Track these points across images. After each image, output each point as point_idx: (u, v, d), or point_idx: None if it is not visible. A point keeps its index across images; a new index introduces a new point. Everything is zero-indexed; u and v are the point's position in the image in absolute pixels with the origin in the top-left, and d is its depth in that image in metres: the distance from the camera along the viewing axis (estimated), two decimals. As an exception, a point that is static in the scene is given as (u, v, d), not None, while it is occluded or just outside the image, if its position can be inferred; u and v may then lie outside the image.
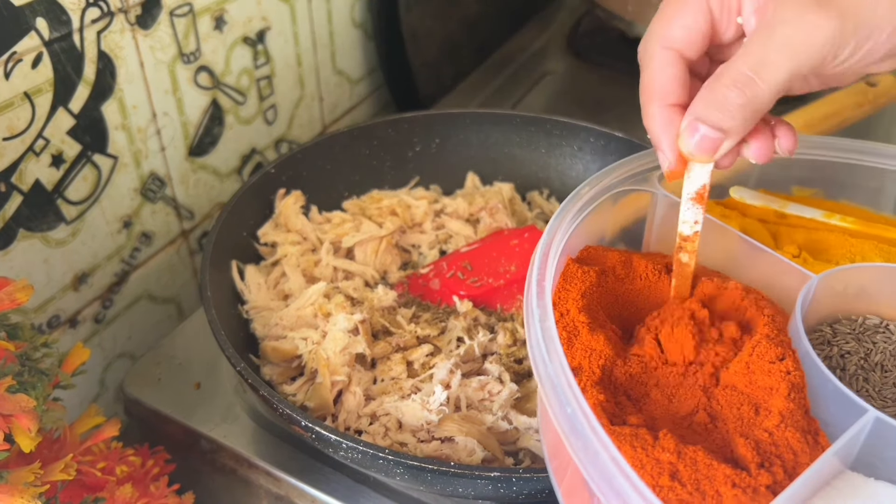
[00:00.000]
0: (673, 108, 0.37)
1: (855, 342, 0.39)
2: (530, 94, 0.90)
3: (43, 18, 0.49)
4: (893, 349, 0.39)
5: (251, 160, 0.73)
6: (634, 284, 0.42)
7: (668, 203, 0.43)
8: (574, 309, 0.38)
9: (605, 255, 0.42)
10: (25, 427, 0.37)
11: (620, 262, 0.42)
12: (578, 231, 0.41)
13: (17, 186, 0.51)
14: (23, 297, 0.40)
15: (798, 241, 0.46)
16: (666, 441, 0.32)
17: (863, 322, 0.40)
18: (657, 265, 0.42)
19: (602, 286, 0.40)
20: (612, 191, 0.43)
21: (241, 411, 0.54)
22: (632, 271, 0.42)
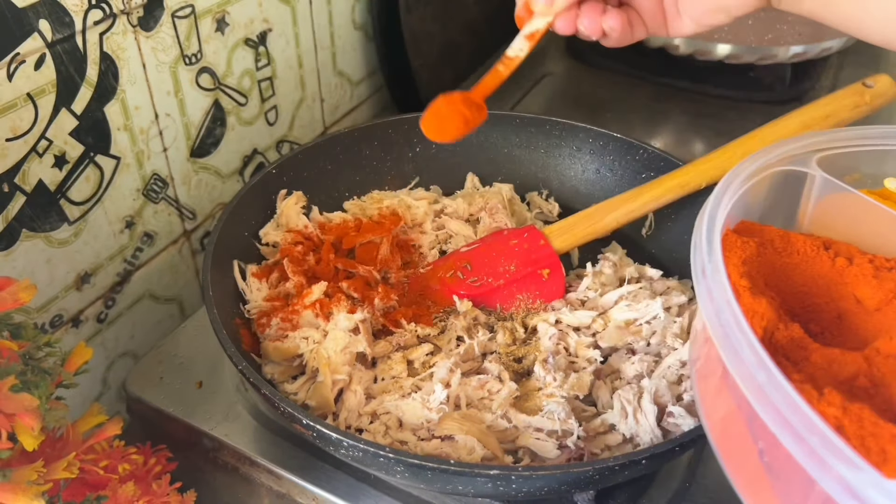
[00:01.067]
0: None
1: None
2: (530, 96, 0.90)
3: (46, 20, 0.49)
4: None
5: (253, 161, 0.73)
6: (792, 258, 0.43)
7: (825, 184, 0.44)
8: (735, 274, 0.39)
9: (763, 230, 0.43)
10: (28, 426, 0.37)
11: (779, 236, 0.43)
12: (736, 204, 0.42)
13: (20, 187, 0.51)
14: (26, 296, 0.41)
15: None
16: (831, 396, 0.32)
17: None
18: (815, 242, 0.43)
19: (761, 256, 0.41)
20: (772, 169, 0.44)
21: (243, 410, 0.54)
22: (790, 245, 0.43)
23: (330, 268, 0.58)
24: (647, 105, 0.89)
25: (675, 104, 0.89)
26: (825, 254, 0.42)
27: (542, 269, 0.57)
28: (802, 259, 0.43)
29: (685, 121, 0.88)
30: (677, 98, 0.90)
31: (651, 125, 0.86)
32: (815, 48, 0.84)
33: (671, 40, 0.83)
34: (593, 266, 0.59)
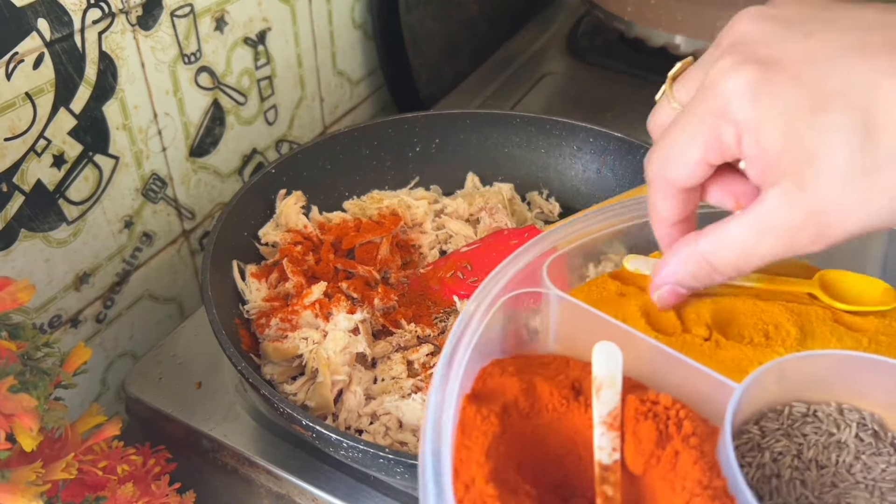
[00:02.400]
0: (675, 226, 0.39)
1: (785, 439, 0.36)
2: (530, 95, 0.90)
3: (44, 19, 0.49)
4: (825, 440, 0.36)
5: (252, 160, 0.73)
6: (542, 418, 0.36)
7: (563, 302, 0.40)
8: (480, 477, 0.32)
9: (504, 384, 0.37)
10: (27, 426, 0.37)
11: (522, 391, 0.36)
12: (473, 356, 0.36)
13: (18, 186, 0.51)
14: (24, 296, 0.40)
15: (704, 315, 0.42)
16: None
17: (789, 412, 0.37)
18: (563, 389, 0.37)
19: (507, 432, 0.35)
20: (502, 300, 0.39)
21: (242, 410, 0.54)
22: (537, 402, 0.36)
23: (329, 268, 0.58)
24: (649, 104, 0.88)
25: (676, 104, 0.89)
26: (575, 403, 0.36)
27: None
28: (553, 416, 0.36)
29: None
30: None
31: (651, 125, 0.86)
32: (816, 47, 0.84)
33: (672, 39, 0.83)
34: (595, 267, 0.59)
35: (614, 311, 0.41)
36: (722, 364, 0.38)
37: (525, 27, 1.03)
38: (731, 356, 0.39)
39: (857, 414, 0.36)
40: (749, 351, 0.39)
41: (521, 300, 0.40)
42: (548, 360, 0.40)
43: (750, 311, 0.42)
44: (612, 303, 0.42)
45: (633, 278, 0.45)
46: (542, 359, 0.40)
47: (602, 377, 0.35)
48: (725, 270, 0.36)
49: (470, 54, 0.95)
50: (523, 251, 0.42)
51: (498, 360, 0.38)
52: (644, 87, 0.92)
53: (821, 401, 0.37)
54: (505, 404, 0.36)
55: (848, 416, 0.36)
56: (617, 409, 0.35)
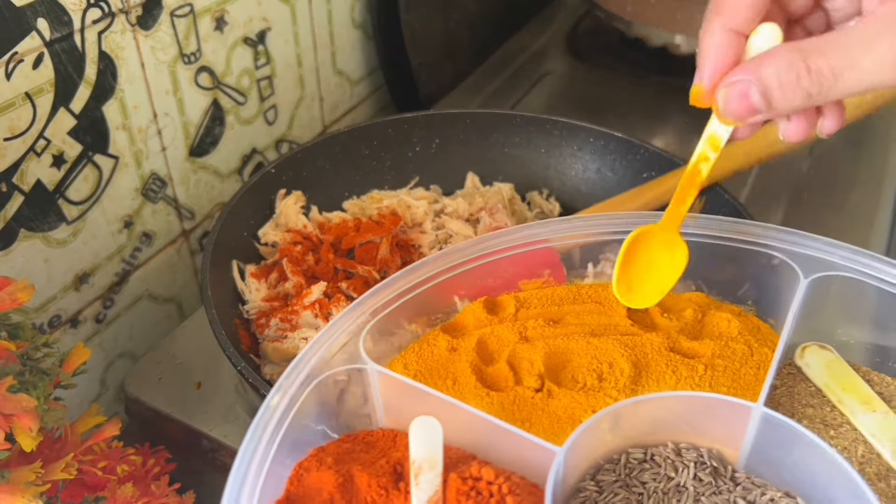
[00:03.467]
0: (734, 33, 0.34)
1: (624, 490, 0.34)
2: (530, 94, 0.90)
3: (44, 19, 0.49)
4: (665, 486, 0.34)
5: (252, 160, 0.73)
6: None
7: (382, 376, 0.38)
8: None
9: (319, 481, 0.33)
10: (26, 426, 0.37)
11: (338, 487, 0.33)
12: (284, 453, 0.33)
13: (18, 186, 0.51)
14: (24, 296, 0.40)
15: (537, 363, 0.40)
16: None
17: (626, 461, 0.35)
18: (383, 476, 0.34)
19: None
20: (313, 383, 0.36)
21: (242, 411, 0.54)
22: (354, 497, 0.33)
23: (329, 268, 0.58)
24: (649, 104, 0.89)
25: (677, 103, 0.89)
26: (395, 492, 0.33)
27: (543, 269, 0.57)
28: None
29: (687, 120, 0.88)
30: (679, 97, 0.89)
31: (652, 124, 0.86)
32: (817, 47, 0.84)
33: (672, 39, 0.83)
34: (594, 266, 0.59)
35: (444, 372, 0.39)
36: (554, 417, 0.37)
37: (525, 27, 1.03)
38: (563, 406, 0.37)
39: (694, 452, 0.36)
40: (581, 398, 0.38)
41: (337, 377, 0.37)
42: (375, 437, 0.37)
43: (583, 350, 0.40)
44: (443, 361, 0.40)
45: (465, 328, 0.44)
46: (368, 437, 0.38)
47: (421, 459, 0.32)
48: (822, 80, 0.31)
49: (470, 54, 0.95)
50: (336, 323, 0.39)
51: (318, 450, 0.35)
52: (644, 87, 0.92)
53: (658, 443, 0.36)
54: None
55: (686, 455, 0.35)
56: (437, 494, 0.32)
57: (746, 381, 0.39)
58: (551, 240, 0.45)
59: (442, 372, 0.39)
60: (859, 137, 0.83)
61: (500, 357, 0.41)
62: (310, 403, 0.36)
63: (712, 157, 0.39)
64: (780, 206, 0.74)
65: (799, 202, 0.74)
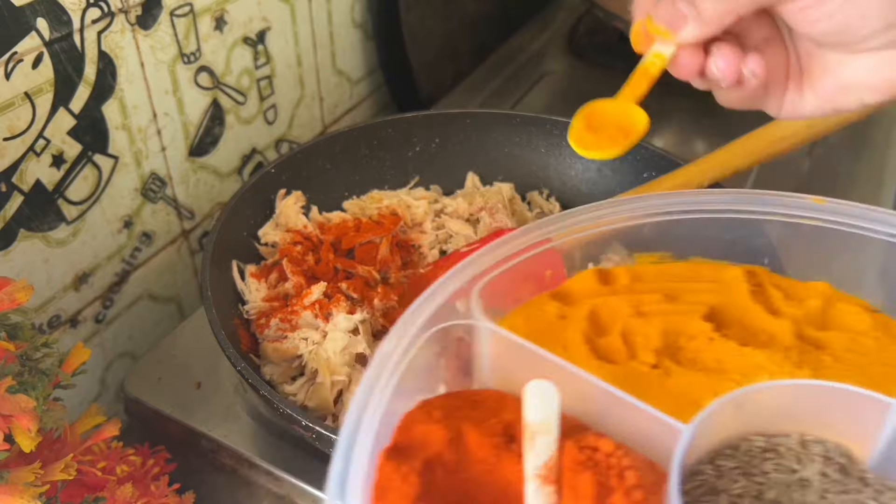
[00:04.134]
0: None
1: (744, 479, 0.32)
2: (530, 94, 0.90)
3: (43, 19, 0.49)
4: (787, 477, 0.32)
5: (251, 160, 0.73)
6: (470, 472, 0.32)
7: (494, 335, 0.36)
8: None
9: (428, 434, 0.33)
10: (25, 427, 0.37)
11: (447, 441, 0.32)
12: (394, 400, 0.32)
13: (17, 186, 0.51)
14: (23, 297, 0.40)
15: (653, 338, 0.38)
16: None
17: (747, 448, 0.33)
18: (495, 436, 0.33)
19: (430, 492, 0.31)
20: (426, 334, 0.35)
21: (242, 411, 0.54)
22: (465, 454, 0.32)
23: (329, 268, 0.58)
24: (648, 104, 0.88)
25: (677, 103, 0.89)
26: (508, 453, 0.32)
27: (544, 270, 0.57)
28: (483, 469, 0.32)
29: (686, 120, 0.88)
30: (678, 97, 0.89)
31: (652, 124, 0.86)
32: (817, 47, 0.84)
33: (672, 39, 0.83)
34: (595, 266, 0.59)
35: (554, 338, 0.38)
36: (671, 396, 0.35)
37: (525, 26, 1.03)
38: (681, 386, 0.35)
39: (821, 446, 0.34)
40: (702, 378, 0.36)
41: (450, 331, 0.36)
42: (482, 397, 0.36)
43: (702, 330, 0.38)
44: (553, 328, 0.39)
45: (575, 296, 0.42)
46: (475, 396, 0.36)
47: (535, 423, 0.31)
48: None
49: (470, 54, 0.95)
50: (451, 276, 0.38)
51: (425, 403, 0.34)
52: (644, 87, 0.92)
53: (781, 433, 0.34)
54: (428, 459, 0.31)
55: (812, 448, 0.33)
56: (552, 460, 0.30)
57: (877, 378, 0.35)
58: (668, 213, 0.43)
59: (551, 338, 0.37)
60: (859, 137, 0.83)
61: (612, 329, 0.39)
62: (420, 355, 0.34)
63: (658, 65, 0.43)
64: (780, 205, 0.74)
65: (799, 202, 0.74)
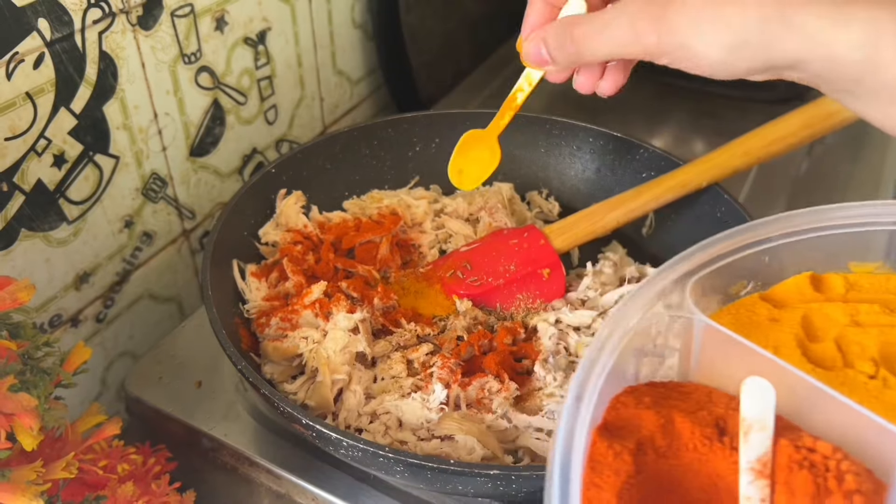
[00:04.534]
0: (549, 5, 0.46)
1: None
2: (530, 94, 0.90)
3: (45, 19, 0.49)
4: None
5: (252, 160, 0.73)
6: (681, 459, 0.33)
7: (707, 329, 0.37)
8: None
9: (638, 416, 0.33)
10: (27, 426, 0.37)
11: (659, 426, 0.33)
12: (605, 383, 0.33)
13: (19, 186, 0.51)
14: (24, 296, 0.40)
15: (870, 348, 0.37)
16: None
17: None
18: (706, 426, 0.33)
19: (641, 472, 0.31)
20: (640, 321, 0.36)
21: (242, 410, 0.54)
22: (676, 440, 0.33)
23: (329, 267, 0.58)
24: (648, 104, 0.89)
25: (676, 103, 0.89)
26: (719, 444, 0.32)
27: (543, 269, 0.57)
28: (694, 457, 0.32)
29: (686, 120, 0.88)
30: (678, 97, 0.90)
31: (651, 124, 0.86)
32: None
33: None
34: (593, 265, 0.59)
35: (765, 340, 0.37)
36: (890, 407, 0.34)
37: (525, 27, 1.03)
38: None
39: None
40: None
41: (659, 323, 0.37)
42: (688, 390, 0.36)
43: None
44: (763, 329, 0.39)
45: (786, 301, 0.41)
46: (680, 388, 0.36)
47: (752, 418, 0.31)
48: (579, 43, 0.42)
49: (470, 54, 0.95)
50: (665, 269, 0.38)
51: (632, 388, 0.35)
52: (644, 87, 0.92)
53: None
54: (640, 441, 0.32)
55: None
56: (767, 455, 0.31)
57: None
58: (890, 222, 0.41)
59: (761, 339, 0.37)
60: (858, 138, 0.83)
61: (826, 336, 0.38)
62: (632, 343, 0.35)
63: (527, 89, 0.53)
64: (779, 206, 0.74)
65: (798, 202, 0.74)
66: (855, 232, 0.41)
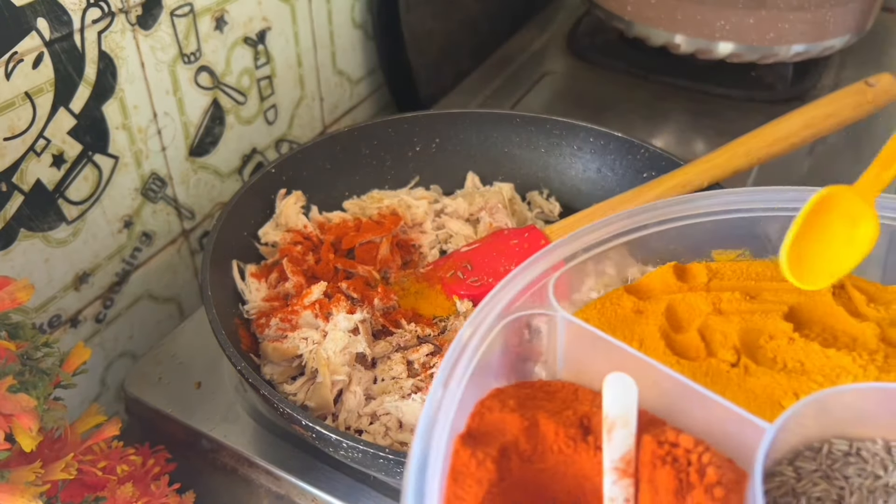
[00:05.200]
0: None
1: (824, 482, 0.31)
2: (530, 94, 0.90)
3: (44, 19, 0.49)
4: (871, 483, 0.31)
5: (252, 160, 0.73)
6: (546, 462, 0.32)
7: (571, 326, 0.36)
8: None
9: (503, 420, 0.32)
10: (26, 426, 0.37)
11: (523, 430, 0.32)
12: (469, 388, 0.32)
13: (18, 186, 0.51)
14: (24, 296, 0.40)
15: (732, 336, 0.37)
16: None
17: (829, 450, 0.32)
18: (570, 428, 0.32)
19: (505, 479, 0.31)
20: (501, 322, 0.35)
21: (242, 411, 0.54)
22: (540, 443, 0.32)
23: (329, 268, 0.58)
24: (649, 104, 0.89)
25: (677, 103, 0.89)
26: (583, 444, 0.32)
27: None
28: (559, 459, 0.32)
29: (686, 120, 0.88)
30: (678, 97, 0.90)
31: (652, 124, 0.86)
32: (818, 47, 0.84)
33: (672, 38, 0.83)
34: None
35: (630, 333, 0.37)
36: (751, 394, 0.35)
37: (525, 26, 1.03)
38: (761, 385, 0.35)
39: None
40: (783, 379, 0.35)
41: (523, 321, 0.36)
42: (554, 388, 0.36)
43: (783, 330, 0.37)
44: (628, 322, 0.39)
45: (651, 292, 0.41)
46: (547, 387, 0.36)
47: (614, 415, 0.31)
48: None
49: (470, 54, 0.95)
50: (526, 267, 0.38)
51: (498, 391, 0.34)
52: (644, 87, 0.92)
53: (865, 437, 0.33)
54: (503, 446, 0.31)
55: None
56: (630, 453, 0.31)
57: None
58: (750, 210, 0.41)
59: (627, 332, 0.37)
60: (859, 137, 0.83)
61: (690, 326, 0.38)
62: (495, 344, 0.35)
63: None
64: (780, 205, 0.74)
65: (799, 202, 0.74)
66: (718, 220, 0.41)
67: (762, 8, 0.78)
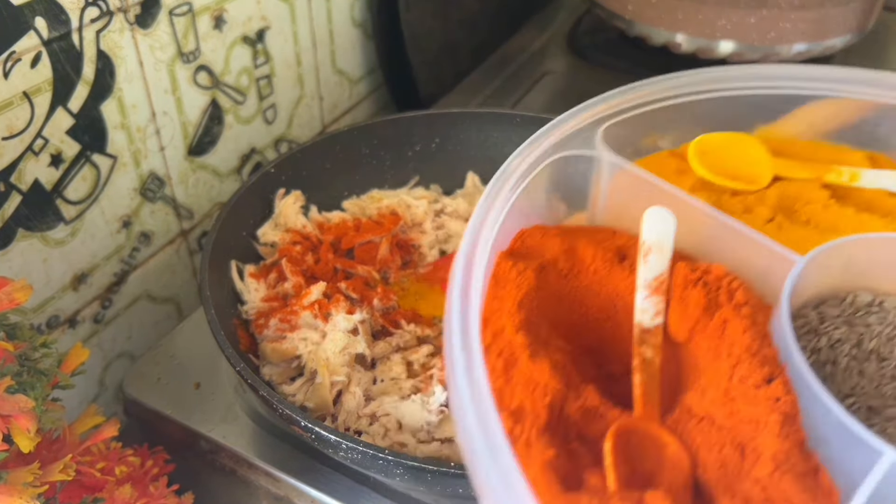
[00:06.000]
0: None
1: (845, 326, 0.33)
2: (530, 94, 0.90)
3: (42, 18, 0.49)
4: (890, 331, 0.33)
5: (251, 160, 0.73)
6: (581, 280, 0.34)
7: (613, 167, 0.37)
8: (510, 326, 0.30)
9: (544, 244, 0.35)
10: (24, 427, 0.37)
11: (563, 251, 0.34)
12: (511, 214, 0.33)
13: (16, 186, 0.51)
14: (22, 296, 0.40)
15: (770, 197, 0.39)
16: None
17: (853, 300, 0.34)
18: (607, 251, 0.34)
19: (543, 289, 0.33)
20: (548, 159, 0.36)
21: (241, 411, 0.54)
22: (577, 263, 0.34)
23: (329, 268, 0.58)
24: (648, 104, 0.88)
25: (677, 103, 0.89)
26: (619, 267, 0.34)
27: None
28: (594, 279, 0.34)
29: (686, 119, 0.88)
30: (678, 97, 0.90)
31: (652, 124, 0.86)
32: (819, 46, 0.84)
33: (673, 38, 0.83)
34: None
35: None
36: (785, 243, 0.35)
37: (525, 26, 1.03)
38: (794, 239, 0.35)
39: None
40: (815, 234, 0.36)
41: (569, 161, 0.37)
42: (595, 228, 0.37)
43: (820, 197, 0.38)
44: (670, 180, 0.39)
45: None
46: (587, 228, 0.37)
47: (651, 241, 0.33)
48: None
49: (470, 53, 0.95)
50: (574, 112, 0.39)
51: (540, 226, 0.36)
52: (644, 87, 0.92)
53: (890, 292, 0.34)
54: (543, 263, 0.33)
55: None
56: (664, 275, 0.33)
57: None
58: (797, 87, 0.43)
59: None
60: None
61: None
62: (540, 178, 0.35)
63: None
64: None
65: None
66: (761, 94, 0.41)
67: (763, 7, 0.78)
